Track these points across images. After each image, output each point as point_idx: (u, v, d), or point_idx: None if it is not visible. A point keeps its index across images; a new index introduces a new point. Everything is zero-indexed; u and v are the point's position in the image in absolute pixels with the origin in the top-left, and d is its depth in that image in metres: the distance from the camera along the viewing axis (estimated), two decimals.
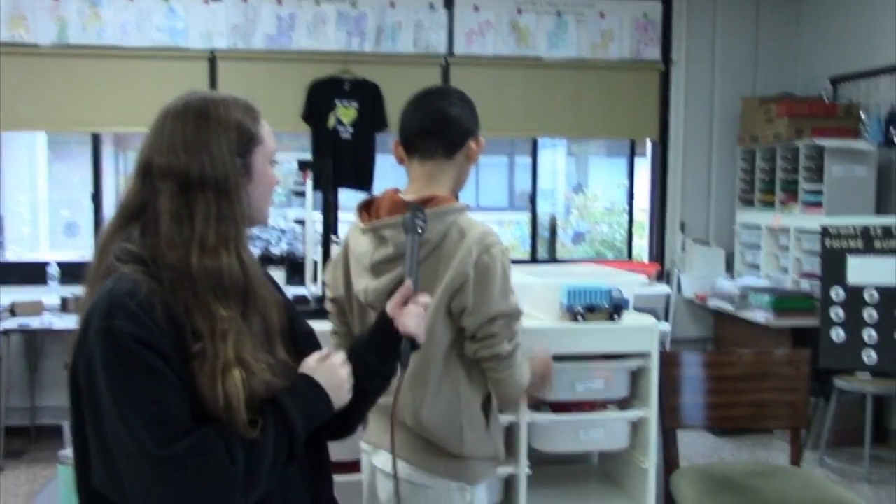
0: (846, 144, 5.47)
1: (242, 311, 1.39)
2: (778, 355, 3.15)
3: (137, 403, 1.25)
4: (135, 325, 1.27)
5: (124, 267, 1.34)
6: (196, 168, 1.38)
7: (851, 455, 5.21)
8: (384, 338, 1.60)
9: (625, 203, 6.92)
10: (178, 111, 1.43)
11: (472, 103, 2.12)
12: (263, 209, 1.52)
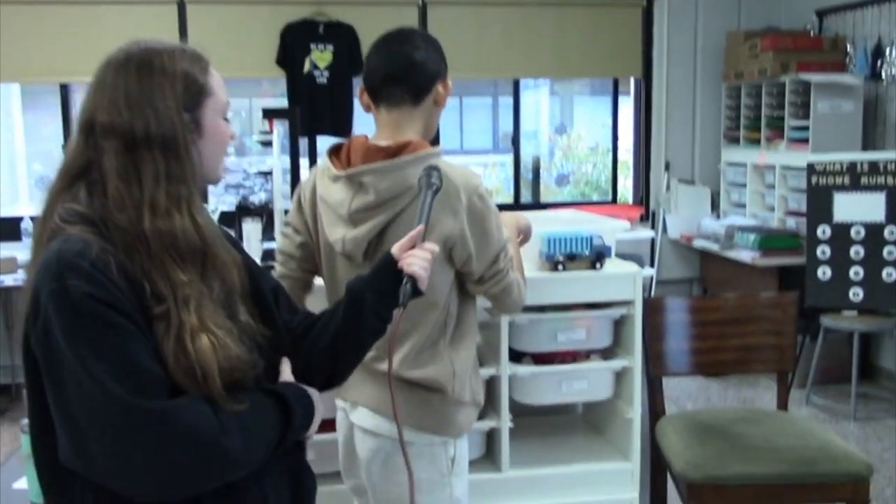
0: (832, 79, 5.37)
1: (201, 274, 1.32)
2: (764, 298, 3.09)
3: (105, 360, 1.18)
4: (90, 285, 1.19)
5: (71, 228, 1.25)
6: (141, 125, 1.29)
7: (838, 392, 5.21)
8: (386, 277, 1.54)
9: (609, 143, 6.81)
10: (119, 63, 1.33)
11: (438, 44, 2.04)
12: (216, 167, 1.43)
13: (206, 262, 1.33)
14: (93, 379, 1.17)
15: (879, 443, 4.51)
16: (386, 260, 1.56)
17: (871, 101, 5.49)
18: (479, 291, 2.03)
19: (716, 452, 2.57)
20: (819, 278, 4.86)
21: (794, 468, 2.52)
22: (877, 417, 4.91)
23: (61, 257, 1.21)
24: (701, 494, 2.53)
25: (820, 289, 4.86)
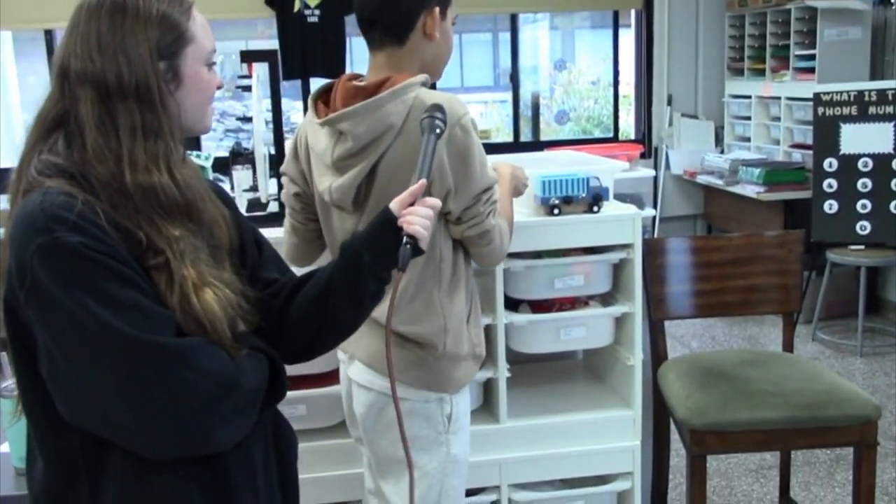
0: (840, 4, 5.20)
1: (189, 229, 1.27)
2: (769, 237, 2.98)
3: (109, 303, 1.13)
4: (81, 235, 1.13)
5: (49, 181, 1.19)
6: (113, 73, 1.22)
7: (844, 328, 5.14)
8: (385, 236, 1.40)
9: (610, 78, 6.66)
10: (92, 6, 1.26)
11: None
12: (200, 118, 1.34)
13: (191, 216, 1.27)
14: (99, 322, 1.12)
15: (886, 378, 4.46)
16: (384, 217, 1.42)
17: (879, 28, 5.32)
18: (457, 234, 1.88)
19: (719, 398, 2.50)
20: (825, 212, 4.76)
21: (800, 412, 2.44)
22: (883, 352, 4.85)
23: (45, 210, 1.14)
24: (705, 441, 2.46)
25: (826, 223, 4.76)
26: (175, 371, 1.16)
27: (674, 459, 2.95)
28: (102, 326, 1.12)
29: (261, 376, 1.30)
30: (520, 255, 2.38)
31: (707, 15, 6.20)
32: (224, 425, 1.22)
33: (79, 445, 1.22)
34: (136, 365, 1.14)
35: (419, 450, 1.92)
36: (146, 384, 1.14)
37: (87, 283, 1.13)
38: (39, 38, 5.94)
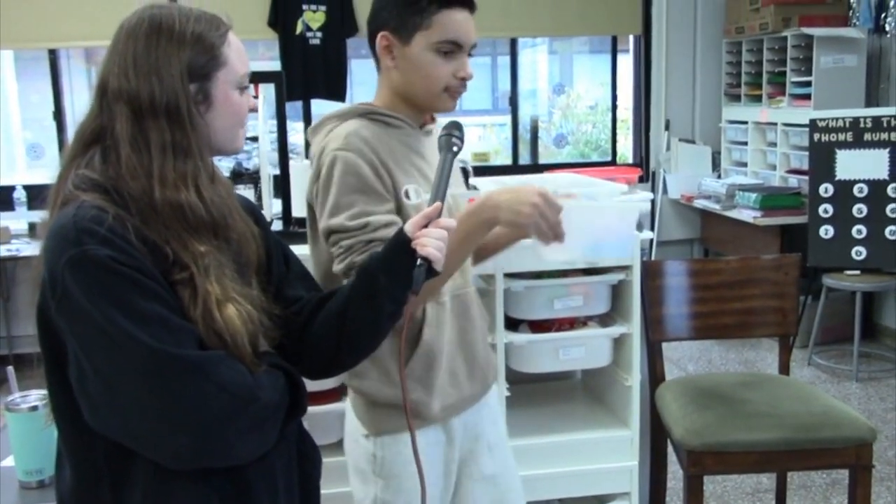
0: (835, 32, 5.27)
1: (216, 246, 1.31)
2: (765, 260, 3.02)
3: (134, 316, 1.17)
4: (110, 249, 1.18)
5: (84, 195, 1.23)
6: (146, 92, 1.27)
7: (840, 352, 5.17)
8: (399, 258, 1.41)
9: (609, 102, 6.72)
10: (131, 27, 1.31)
11: None
12: (231, 139, 1.38)
13: (218, 233, 1.32)
14: (124, 334, 1.15)
15: (882, 403, 4.48)
16: (398, 239, 1.42)
17: (874, 55, 5.39)
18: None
19: (716, 419, 2.52)
20: (821, 237, 4.80)
21: (796, 434, 2.47)
22: (879, 377, 4.87)
23: (77, 223, 1.19)
24: (702, 462, 2.48)
25: (822, 248, 4.80)
26: (195, 383, 1.19)
27: (671, 482, 2.97)
28: (127, 338, 1.16)
29: (279, 393, 1.31)
30: (520, 276, 2.41)
31: (704, 41, 6.27)
32: (242, 439, 1.24)
33: (103, 452, 1.26)
34: (158, 376, 1.17)
35: (353, 478, 1.89)
36: (167, 395, 1.17)
37: (114, 296, 1.17)
38: (42, 58, 5.99)
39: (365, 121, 1.78)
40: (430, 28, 1.72)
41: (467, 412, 1.90)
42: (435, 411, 1.81)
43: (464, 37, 1.74)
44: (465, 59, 1.76)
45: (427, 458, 1.72)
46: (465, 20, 1.74)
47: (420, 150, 1.82)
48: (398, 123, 1.80)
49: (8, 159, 7.09)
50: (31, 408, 1.91)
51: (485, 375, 1.93)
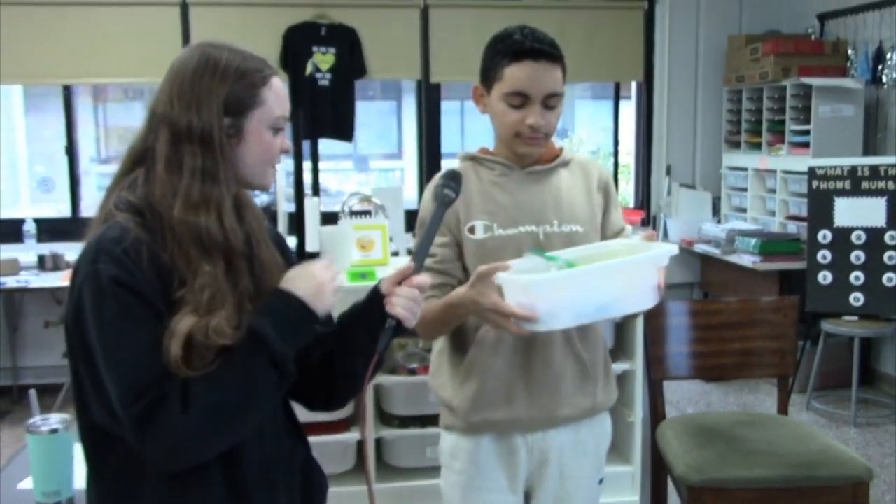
0: (834, 83, 5.38)
1: (226, 269, 1.39)
2: (765, 302, 3.09)
3: (115, 351, 1.29)
4: (117, 268, 1.30)
5: (120, 215, 1.36)
6: (185, 120, 1.38)
7: (838, 398, 5.21)
8: (373, 314, 1.49)
9: (610, 147, 6.82)
10: (182, 61, 1.43)
11: (488, 44, 1.97)
12: (260, 174, 1.48)
13: (231, 259, 1.40)
14: (107, 366, 1.30)
15: (880, 448, 4.52)
16: (373, 294, 1.51)
17: (872, 106, 5.50)
18: None
19: (716, 456, 2.58)
20: (820, 283, 4.86)
21: (794, 472, 2.52)
22: (877, 423, 4.91)
23: (99, 242, 1.32)
24: (701, 498, 2.53)
25: (821, 293, 4.87)
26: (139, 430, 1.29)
27: None
28: (110, 367, 1.30)
29: (231, 386, 1.34)
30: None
31: (705, 89, 6.39)
32: (212, 440, 1.34)
33: (115, 459, 1.38)
34: (126, 408, 1.29)
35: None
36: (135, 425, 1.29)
37: (110, 319, 1.30)
38: (51, 93, 6.08)
39: (469, 162, 2.00)
40: (502, 80, 1.89)
41: (534, 435, 1.99)
42: (467, 419, 1.97)
43: (530, 88, 1.87)
44: (533, 108, 1.88)
45: (473, 461, 1.98)
46: (534, 72, 1.87)
47: (511, 189, 1.96)
48: (491, 164, 1.98)
49: (14, 192, 7.18)
50: (51, 430, 1.95)
51: (550, 407, 1.97)
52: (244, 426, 1.36)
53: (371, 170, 8.73)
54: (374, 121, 8.38)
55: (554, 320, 1.66)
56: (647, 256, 1.72)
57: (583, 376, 1.99)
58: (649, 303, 1.73)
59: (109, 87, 7.19)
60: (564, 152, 2.04)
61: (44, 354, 5.47)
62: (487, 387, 1.96)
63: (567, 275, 1.70)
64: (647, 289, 1.71)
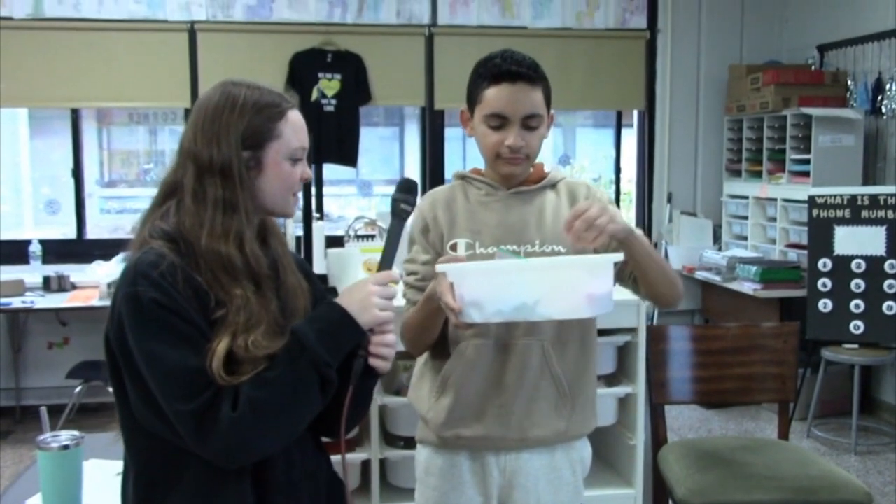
0: (834, 113, 5.44)
1: (255, 292, 1.47)
2: (765, 328, 3.12)
3: (162, 362, 1.38)
4: (156, 291, 1.39)
5: (154, 242, 1.46)
6: (207, 154, 1.48)
7: (839, 426, 5.22)
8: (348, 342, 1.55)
9: (612, 174, 6.87)
10: (205, 98, 1.53)
11: (473, 69, 2.01)
12: (281, 203, 1.57)
13: (260, 283, 1.49)
14: (155, 381, 1.40)
15: (880, 476, 4.53)
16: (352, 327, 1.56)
17: (871, 136, 5.55)
18: None
19: (717, 480, 2.60)
20: (820, 310, 4.89)
21: (794, 496, 2.54)
22: (877, 451, 4.92)
23: (137, 266, 1.42)
24: None
25: (821, 321, 4.89)
26: (191, 432, 1.40)
27: None
28: (155, 379, 1.41)
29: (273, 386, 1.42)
30: None
31: (706, 118, 6.45)
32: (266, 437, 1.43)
33: (161, 460, 1.48)
34: (172, 415, 1.40)
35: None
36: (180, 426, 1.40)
37: (152, 337, 1.40)
38: (59, 116, 6.13)
39: (459, 181, 2.06)
40: (482, 103, 1.93)
41: (507, 455, 2.00)
42: (439, 434, 2.00)
43: (508, 110, 1.90)
44: (512, 130, 1.91)
45: (446, 477, 2.01)
46: (512, 94, 1.90)
47: (496, 209, 1.99)
48: (479, 185, 2.02)
49: (18, 214, 7.23)
50: (61, 447, 1.97)
51: (522, 427, 1.97)
52: (290, 426, 1.45)
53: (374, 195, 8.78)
54: (376, 146, 8.43)
55: (477, 312, 1.70)
56: (573, 259, 1.72)
57: (559, 397, 1.97)
58: (584, 312, 1.71)
59: (114, 111, 7.26)
60: (552, 174, 2.07)
61: (47, 375, 5.48)
62: (461, 402, 1.98)
63: (487, 265, 1.79)
64: (579, 296, 1.68)
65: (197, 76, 5.69)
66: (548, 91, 1.96)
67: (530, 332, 1.94)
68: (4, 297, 4.92)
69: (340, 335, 1.48)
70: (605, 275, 1.68)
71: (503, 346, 1.94)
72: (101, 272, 5.12)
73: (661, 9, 6.32)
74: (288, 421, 1.44)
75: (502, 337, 1.94)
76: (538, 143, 1.96)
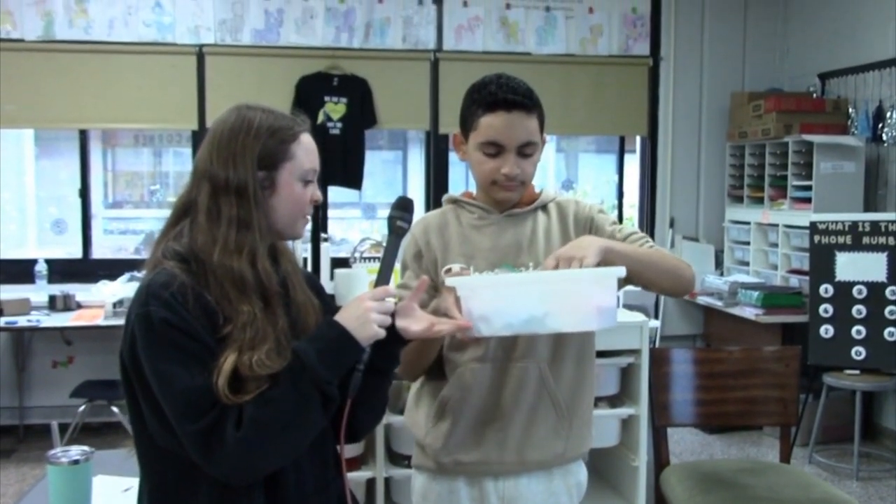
0: (834, 140, 5.48)
1: (264, 308, 1.51)
2: (767, 352, 3.14)
3: (170, 381, 1.42)
4: (167, 311, 1.43)
5: (167, 263, 1.50)
6: (223, 174, 1.53)
7: (840, 452, 5.22)
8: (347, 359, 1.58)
9: (614, 199, 6.91)
10: (221, 121, 1.58)
11: (466, 93, 2.00)
12: (291, 224, 1.62)
13: (269, 300, 1.53)
14: (164, 399, 1.44)
15: (882, 502, 4.53)
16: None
17: (872, 163, 5.59)
18: None
19: (719, 502, 2.61)
20: (821, 336, 4.91)
21: None
22: (879, 477, 4.93)
23: (150, 287, 1.47)
24: None
25: (822, 347, 4.91)
26: (197, 447, 1.43)
27: None
28: (164, 396, 1.45)
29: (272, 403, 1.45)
30: None
31: (709, 144, 6.50)
32: (269, 455, 1.46)
33: (175, 474, 1.51)
34: (181, 433, 1.44)
35: None
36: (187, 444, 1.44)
37: (162, 355, 1.44)
38: (65, 137, 6.18)
39: (451, 205, 2.06)
40: (477, 130, 1.93)
41: (506, 481, 1.99)
42: (437, 460, 1.99)
43: (504, 138, 1.90)
44: (508, 158, 1.91)
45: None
46: (508, 122, 1.89)
47: (489, 233, 1.99)
48: (471, 209, 2.03)
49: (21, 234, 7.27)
50: (72, 462, 2.00)
51: (521, 450, 1.97)
52: (293, 444, 1.48)
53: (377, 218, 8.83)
54: (379, 169, 8.49)
55: (486, 325, 1.71)
56: (580, 272, 1.70)
57: (557, 419, 1.97)
58: (592, 324, 1.71)
59: (119, 133, 7.32)
60: (543, 195, 2.06)
61: (50, 394, 5.50)
62: (459, 427, 1.97)
63: (497, 279, 1.79)
64: (588, 308, 1.68)
65: (204, 99, 5.75)
66: (542, 117, 1.96)
67: (526, 354, 1.94)
68: (10, 315, 4.95)
69: (340, 353, 1.50)
70: (609, 287, 1.69)
71: (500, 369, 1.95)
72: (106, 292, 5.16)
73: (664, 36, 6.39)
74: (291, 439, 1.47)
75: (499, 360, 1.94)
76: (533, 168, 1.97)
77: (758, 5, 6.47)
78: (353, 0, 5.91)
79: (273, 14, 5.84)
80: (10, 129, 5.85)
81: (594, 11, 6.26)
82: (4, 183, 6.74)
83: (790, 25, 6.43)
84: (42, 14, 5.57)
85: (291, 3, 5.85)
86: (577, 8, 6.24)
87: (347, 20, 5.92)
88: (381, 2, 5.96)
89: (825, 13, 6.05)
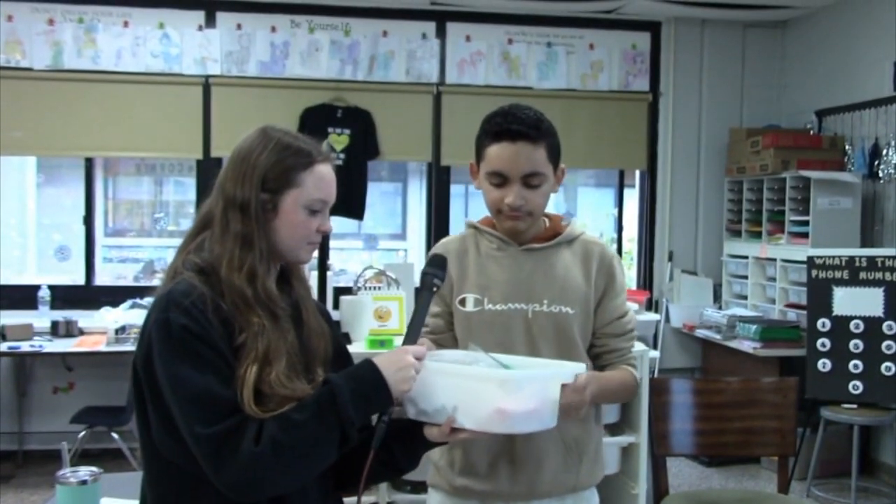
0: (832, 176, 5.54)
1: (275, 326, 1.53)
2: (765, 383, 3.18)
3: (186, 386, 1.44)
4: (186, 318, 1.46)
5: (186, 274, 1.54)
6: (232, 190, 1.57)
7: (838, 486, 5.23)
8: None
9: (613, 233, 6.97)
10: (244, 139, 1.63)
11: (481, 123, 2.01)
12: (293, 249, 1.62)
13: (276, 315, 1.55)
14: (177, 404, 1.45)
15: None
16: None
17: (868, 199, 5.65)
18: None
19: None
20: (819, 370, 4.93)
21: None
22: None
23: (170, 294, 1.50)
24: None
25: (820, 380, 4.93)
26: (211, 457, 1.44)
27: None
28: (177, 403, 1.46)
29: (306, 432, 1.46)
30: None
31: (707, 179, 6.56)
32: (280, 478, 1.46)
33: (177, 485, 1.54)
34: (191, 439, 1.45)
35: None
36: (198, 452, 1.45)
37: (178, 362, 1.46)
38: (67, 165, 6.23)
39: (471, 230, 2.07)
40: (485, 160, 1.96)
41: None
42: (451, 482, 2.03)
43: (507, 168, 1.92)
44: (512, 188, 1.92)
45: None
46: (512, 153, 1.91)
47: (507, 265, 2.00)
48: (490, 238, 2.04)
49: (22, 259, 7.31)
50: (80, 482, 2.02)
51: (532, 482, 1.99)
52: (304, 473, 1.50)
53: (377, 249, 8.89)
54: (378, 201, 8.55)
55: (412, 407, 1.62)
56: (488, 373, 1.61)
57: (566, 453, 1.99)
58: (495, 427, 1.56)
59: (121, 162, 7.38)
60: (569, 230, 2.04)
61: (51, 420, 5.51)
62: (472, 458, 2.00)
63: (426, 364, 1.60)
64: (489, 409, 1.55)
65: (210, 129, 5.83)
66: (553, 147, 1.97)
67: None
68: (13, 340, 4.97)
69: (372, 399, 1.51)
70: (522, 394, 1.56)
71: None
72: (108, 318, 5.19)
73: (663, 72, 6.48)
74: (304, 468, 1.48)
75: None
76: (542, 199, 1.96)
77: (756, 43, 6.57)
78: (357, 33, 6.01)
79: (279, 46, 5.93)
80: (17, 155, 5.92)
81: (595, 47, 6.35)
82: (7, 209, 6.79)
83: (788, 63, 6.53)
84: (51, 44, 5.66)
85: (297, 35, 5.94)
86: (578, 44, 6.33)
87: (352, 53, 6.01)
88: (386, 35, 6.05)
89: (822, 51, 6.15)
